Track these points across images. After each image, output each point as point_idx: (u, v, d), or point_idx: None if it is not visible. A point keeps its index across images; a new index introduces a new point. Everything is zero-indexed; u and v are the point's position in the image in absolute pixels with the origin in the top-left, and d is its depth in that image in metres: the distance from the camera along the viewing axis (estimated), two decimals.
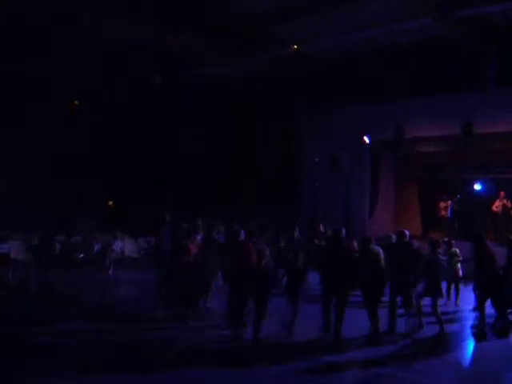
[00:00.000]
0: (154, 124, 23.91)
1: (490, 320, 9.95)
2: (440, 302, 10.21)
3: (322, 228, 14.58)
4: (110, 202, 25.17)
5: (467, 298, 12.22)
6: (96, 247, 17.27)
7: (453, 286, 12.55)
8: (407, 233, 10.21)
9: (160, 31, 18.02)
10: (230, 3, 17.58)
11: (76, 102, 23.37)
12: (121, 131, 23.95)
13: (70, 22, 17.42)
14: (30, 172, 21.36)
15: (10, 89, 20.13)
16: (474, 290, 10.55)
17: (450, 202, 19.37)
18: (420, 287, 10.04)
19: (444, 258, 11.33)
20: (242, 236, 11.14)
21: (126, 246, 17.57)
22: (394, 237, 11.56)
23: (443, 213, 19.44)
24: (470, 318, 11.38)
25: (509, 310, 9.97)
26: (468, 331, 10.61)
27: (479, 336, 9.83)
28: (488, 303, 9.92)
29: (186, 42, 18.83)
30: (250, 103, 21.62)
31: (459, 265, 12.41)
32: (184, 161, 23.41)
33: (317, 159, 19.00)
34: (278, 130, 21.24)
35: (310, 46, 19.21)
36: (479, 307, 10.03)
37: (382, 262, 9.77)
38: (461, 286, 12.59)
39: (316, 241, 12.84)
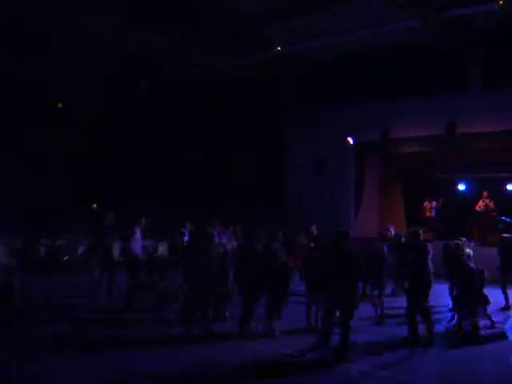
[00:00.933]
0: (154, 124, 24.06)
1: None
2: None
3: (314, 230, 14.64)
4: (94, 205, 24.98)
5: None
6: (81, 250, 16.98)
7: None
8: (421, 232, 9.89)
9: (160, 31, 18.09)
10: (231, 3, 17.66)
11: (60, 105, 23.67)
12: (120, 131, 24.06)
13: (70, 22, 17.68)
14: (30, 172, 21.45)
15: (9, 89, 20.19)
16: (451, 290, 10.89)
17: (434, 203, 19.42)
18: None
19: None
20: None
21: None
22: (392, 231, 11.80)
23: (428, 213, 19.50)
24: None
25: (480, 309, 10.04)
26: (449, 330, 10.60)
27: (460, 334, 9.84)
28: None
29: (185, 42, 18.89)
30: (247, 103, 21.83)
31: None
32: (184, 161, 23.50)
33: (302, 162, 19.15)
34: (267, 130, 21.37)
35: (295, 47, 19.15)
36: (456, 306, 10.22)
37: None
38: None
39: (311, 244, 12.85)
